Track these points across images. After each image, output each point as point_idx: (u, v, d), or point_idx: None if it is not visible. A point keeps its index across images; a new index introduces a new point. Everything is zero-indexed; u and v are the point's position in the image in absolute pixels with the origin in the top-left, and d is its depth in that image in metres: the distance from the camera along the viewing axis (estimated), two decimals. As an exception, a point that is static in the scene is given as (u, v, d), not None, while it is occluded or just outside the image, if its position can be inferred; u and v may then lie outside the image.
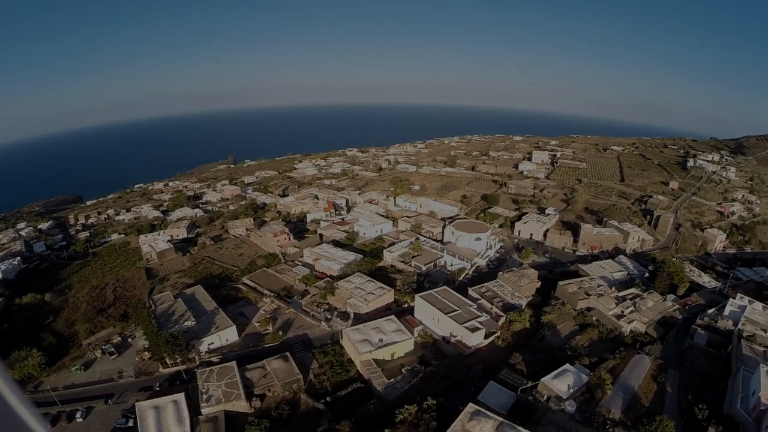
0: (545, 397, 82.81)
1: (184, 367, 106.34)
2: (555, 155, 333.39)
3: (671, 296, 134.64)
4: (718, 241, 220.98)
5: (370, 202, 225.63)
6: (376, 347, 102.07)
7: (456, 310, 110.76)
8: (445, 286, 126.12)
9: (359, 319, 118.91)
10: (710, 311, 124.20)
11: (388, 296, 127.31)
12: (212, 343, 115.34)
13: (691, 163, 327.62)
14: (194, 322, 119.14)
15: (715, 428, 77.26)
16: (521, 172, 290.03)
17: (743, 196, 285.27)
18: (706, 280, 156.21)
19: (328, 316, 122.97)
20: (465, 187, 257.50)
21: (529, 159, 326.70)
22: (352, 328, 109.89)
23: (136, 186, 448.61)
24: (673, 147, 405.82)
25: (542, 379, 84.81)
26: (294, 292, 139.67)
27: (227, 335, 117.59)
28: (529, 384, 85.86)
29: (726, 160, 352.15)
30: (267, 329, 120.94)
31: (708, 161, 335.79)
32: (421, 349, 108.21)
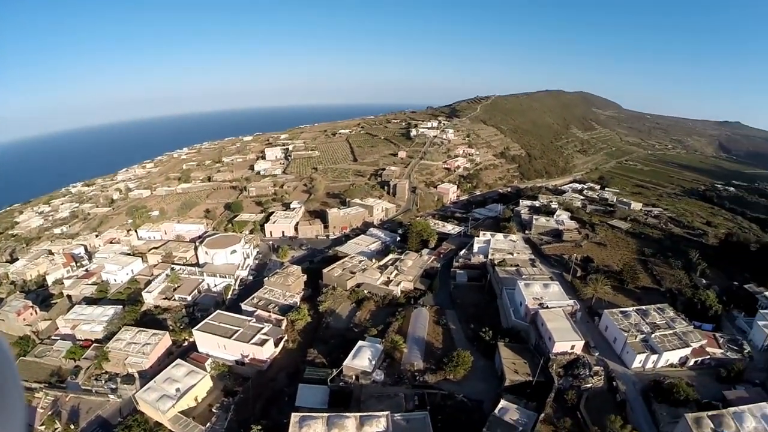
0: (354, 377, 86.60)
1: None
2: (288, 149, 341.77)
3: (426, 250, 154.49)
4: (451, 192, 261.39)
5: (112, 242, 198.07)
6: (177, 399, 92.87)
7: (238, 330, 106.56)
8: (218, 310, 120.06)
9: (146, 376, 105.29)
10: (462, 252, 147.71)
11: (165, 341, 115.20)
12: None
13: (414, 132, 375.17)
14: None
15: (503, 342, 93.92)
16: (258, 173, 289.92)
17: (464, 151, 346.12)
18: (451, 228, 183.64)
19: (113, 386, 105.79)
20: (205, 201, 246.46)
21: (263, 158, 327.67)
22: (143, 390, 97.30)
23: None
24: (396, 121, 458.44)
25: (344, 363, 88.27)
26: (65, 374, 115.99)
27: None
28: (334, 372, 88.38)
29: (444, 124, 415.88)
30: (56, 428, 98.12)
31: (428, 128, 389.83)
32: (221, 380, 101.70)
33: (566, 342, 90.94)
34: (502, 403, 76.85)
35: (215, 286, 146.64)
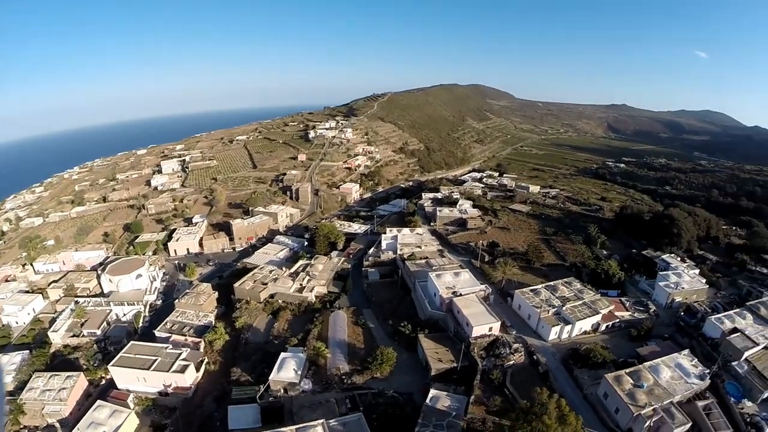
0: (282, 390, 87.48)
1: None
2: (184, 160, 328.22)
3: (335, 253, 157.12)
4: (354, 191, 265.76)
5: (7, 280, 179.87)
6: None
7: (155, 360, 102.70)
8: (131, 341, 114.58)
9: (68, 424, 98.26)
10: (371, 251, 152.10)
11: (81, 382, 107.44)
12: None
13: (312, 134, 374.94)
14: None
15: (423, 333, 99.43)
16: (156, 188, 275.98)
17: (363, 149, 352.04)
18: (357, 227, 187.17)
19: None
20: (103, 224, 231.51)
21: (160, 171, 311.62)
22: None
23: None
24: (293, 123, 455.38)
25: (270, 377, 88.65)
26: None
27: None
28: (262, 388, 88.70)
29: (342, 124, 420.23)
30: None
31: (327, 129, 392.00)
32: (147, 416, 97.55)
33: (483, 325, 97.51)
34: (432, 392, 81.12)
35: (124, 315, 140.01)
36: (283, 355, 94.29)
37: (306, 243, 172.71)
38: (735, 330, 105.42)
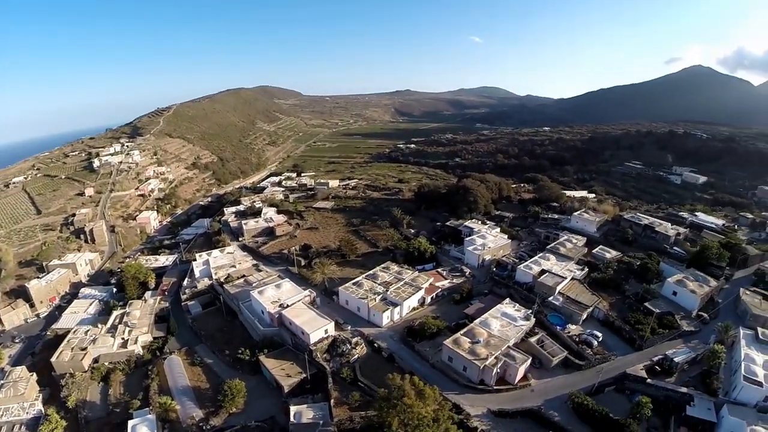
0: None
1: None
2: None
3: (148, 293, 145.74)
4: (153, 220, 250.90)
5: None
6: None
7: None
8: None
9: None
10: (186, 282, 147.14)
11: None
12: None
13: (97, 162, 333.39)
14: None
15: (263, 354, 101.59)
16: None
17: (154, 171, 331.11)
18: (164, 260, 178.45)
19: None
20: None
21: None
22: None
23: None
24: (74, 153, 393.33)
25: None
26: None
27: None
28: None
29: (128, 146, 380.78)
30: None
31: (112, 154, 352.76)
32: None
33: (318, 330, 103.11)
34: (293, 408, 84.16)
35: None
36: (131, 423, 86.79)
37: (115, 290, 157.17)
38: (543, 271, 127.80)
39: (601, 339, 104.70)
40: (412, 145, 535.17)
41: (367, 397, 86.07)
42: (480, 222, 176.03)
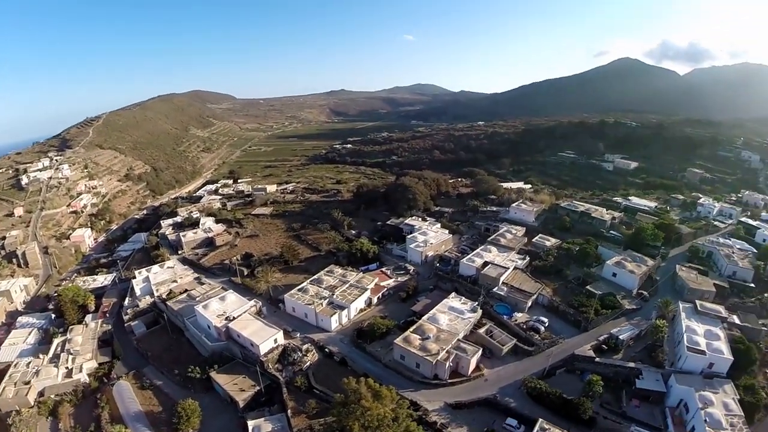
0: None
1: None
2: None
3: (89, 317, 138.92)
4: (87, 237, 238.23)
5: None
6: None
7: None
8: None
9: None
10: (127, 302, 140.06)
11: None
12: None
13: (25, 180, 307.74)
14: None
15: (214, 370, 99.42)
16: None
17: (86, 185, 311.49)
18: (103, 279, 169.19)
19: None
20: None
21: None
22: None
23: None
24: (0, 171, 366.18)
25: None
26: None
27: None
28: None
29: (56, 161, 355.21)
30: None
31: (41, 170, 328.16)
32: None
33: (267, 340, 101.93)
34: (251, 423, 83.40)
35: None
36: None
37: (54, 315, 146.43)
38: (486, 263, 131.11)
39: (547, 324, 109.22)
40: (349, 145, 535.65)
41: (324, 403, 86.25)
42: (420, 219, 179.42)
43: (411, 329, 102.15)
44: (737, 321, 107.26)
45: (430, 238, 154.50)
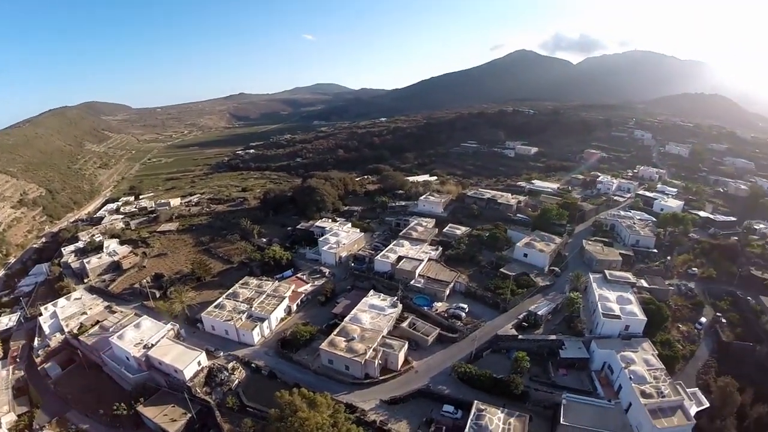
0: None
1: None
2: None
3: None
4: None
5: None
6: None
7: None
8: None
9: None
10: (36, 343, 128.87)
11: None
12: None
13: None
14: None
15: (140, 403, 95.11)
16: None
17: None
18: (7, 321, 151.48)
19: None
20: None
21: None
22: None
23: None
24: None
25: None
26: None
27: None
28: None
29: None
30: None
31: None
32: None
33: (191, 364, 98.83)
34: None
35: None
36: None
37: None
38: (400, 258, 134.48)
39: (467, 310, 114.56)
40: (252, 150, 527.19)
41: (261, 421, 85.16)
42: (330, 220, 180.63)
43: (335, 332, 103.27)
44: (645, 284, 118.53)
45: (342, 238, 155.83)
